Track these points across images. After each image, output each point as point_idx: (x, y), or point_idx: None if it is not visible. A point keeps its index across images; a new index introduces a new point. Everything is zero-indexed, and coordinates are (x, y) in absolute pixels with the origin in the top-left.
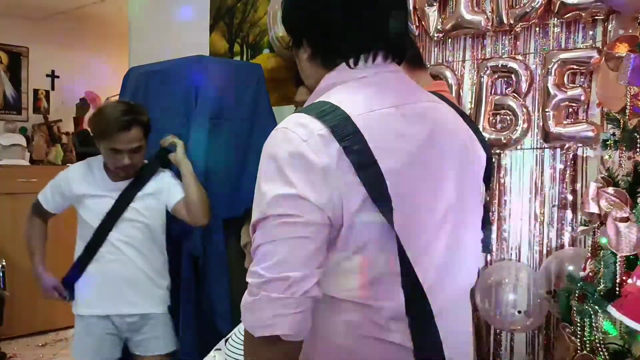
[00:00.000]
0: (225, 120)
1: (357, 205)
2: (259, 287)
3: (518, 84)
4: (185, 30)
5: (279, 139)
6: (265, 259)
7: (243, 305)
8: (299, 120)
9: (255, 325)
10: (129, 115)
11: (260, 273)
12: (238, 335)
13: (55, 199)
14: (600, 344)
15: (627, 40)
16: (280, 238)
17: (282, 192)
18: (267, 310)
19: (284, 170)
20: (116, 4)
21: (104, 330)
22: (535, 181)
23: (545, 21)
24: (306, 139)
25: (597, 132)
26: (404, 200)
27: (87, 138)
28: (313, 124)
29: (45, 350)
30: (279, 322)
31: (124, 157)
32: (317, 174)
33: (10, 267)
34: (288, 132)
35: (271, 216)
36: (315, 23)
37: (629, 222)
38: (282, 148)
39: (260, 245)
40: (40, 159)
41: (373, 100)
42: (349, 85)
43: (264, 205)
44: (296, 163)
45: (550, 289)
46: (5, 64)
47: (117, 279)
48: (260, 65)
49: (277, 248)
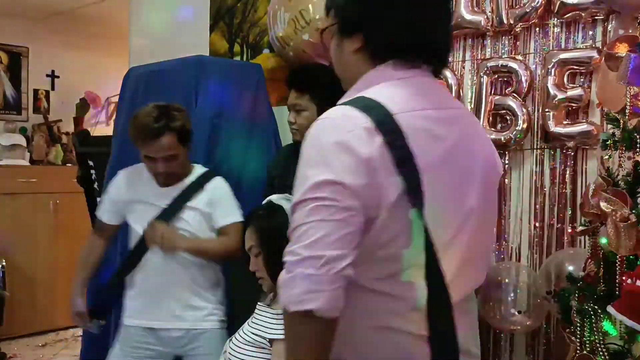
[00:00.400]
0: (225, 120)
1: (393, 198)
2: (296, 264)
3: (518, 84)
4: (185, 30)
5: (324, 128)
6: (303, 239)
7: (279, 283)
8: (345, 112)
9: (289, 301)
10: (160, 121)
11: (297, 251)
12: (242, 336)
13: (107, 208)
14: (600, 344)
15: (627, 40)
16: (318, 219)
17: (324, 177)
18: (301, 286)
19: (328, 158)
20: (116, 4)
21: (146, 344)
22: (535, 181)
23: (545, 21)
24: (351, 129)
25: (597, 132)
26: (434, 198)
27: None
28: (358, 117)
29: (45, 350)
30: (312, 297)
31: (158, 165)
32: (360, 164)
33: (10, 267)
34: (334, 122)
35: (310, 199)
36: (378, 19)
37: (629, 222)
38: (328, 137)
39: (299, 226)
40: (40, 159)
41: (412, 101)
42: (390, 84)
43: (305, 188)
44: (340, 152)
45: (550, 289)
46: (5, 64)
47: (161, 291)
48: (260, 65)
49: (314, 229)
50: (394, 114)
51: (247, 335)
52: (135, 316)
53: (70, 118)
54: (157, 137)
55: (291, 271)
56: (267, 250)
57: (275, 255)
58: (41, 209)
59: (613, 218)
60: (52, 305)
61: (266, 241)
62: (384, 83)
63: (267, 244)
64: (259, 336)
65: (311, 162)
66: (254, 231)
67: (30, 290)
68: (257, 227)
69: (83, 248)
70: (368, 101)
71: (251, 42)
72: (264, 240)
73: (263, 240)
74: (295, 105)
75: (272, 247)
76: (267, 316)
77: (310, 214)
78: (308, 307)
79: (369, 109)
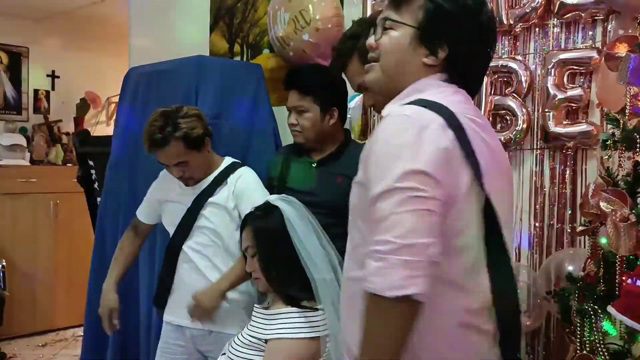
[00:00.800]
0: (225, 120)
1: (465, 188)
2: (390, 252)
3: (518, 84)
4: (185, 30)
5: (403, 123)
6: (394, 228)
7: (370, 271)
8: (418, 110)
9: (387, 287)
10: (164, 131)
11: (391, 240)
12: (240, 339)
13: (144, 206)
14: (600, 344)
15: (627, 41)
16: (409, 210)
17: (410, 167)
18: (400, 273)
19: (411, 149)
20: (116, 4)
21: (176, 340)
22: (535, 181)
23: (545, 21)
24: (428, 124)
25: (596, 132)
26: (490, 193)
27: (87, 138)
28: (431, 114)
29: (45, 350)
30: (412, 283)
31: (172, 171)
32: (440, 155)
33: (10, 267)
34: (411, 118)
35: (398, 189)
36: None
37: (629, 222)
38: (408, 130)
39: (389, 216)
40: (40, 159)
41: (462, 107)
42: (440, 92)
43: (393, 178)
44: (422, 144)
45: (550, 289)
46: (5, 64)
47: (189, 290)
48: (260, 65)
49: (405, 218)
50: (456, 113)
51: (245, 338)
52: (168, 313)
53: (70, 118)
54: (162, 146)
55: (385, 259)
56: (263, 250)
57: (270, 256)
58: (41, 209)
59: (613, 218)
60: (52, 305)
61: (262, 242)
62: (434, 90)
63: (262, 245)
64: (256, 338)
65: (393, 154)
66: (250, 231)
67: (30, 290)
68: (253, 227)
69: (119, 244)
70: (431, 102)
71: (251, 42)
72: (260, 240)
73: (259, 240)
74: (298, 107)
75: (267, 247)
76: (263, 318)
77: (400, 204)
78: (409, 292)
79: (436, 108)
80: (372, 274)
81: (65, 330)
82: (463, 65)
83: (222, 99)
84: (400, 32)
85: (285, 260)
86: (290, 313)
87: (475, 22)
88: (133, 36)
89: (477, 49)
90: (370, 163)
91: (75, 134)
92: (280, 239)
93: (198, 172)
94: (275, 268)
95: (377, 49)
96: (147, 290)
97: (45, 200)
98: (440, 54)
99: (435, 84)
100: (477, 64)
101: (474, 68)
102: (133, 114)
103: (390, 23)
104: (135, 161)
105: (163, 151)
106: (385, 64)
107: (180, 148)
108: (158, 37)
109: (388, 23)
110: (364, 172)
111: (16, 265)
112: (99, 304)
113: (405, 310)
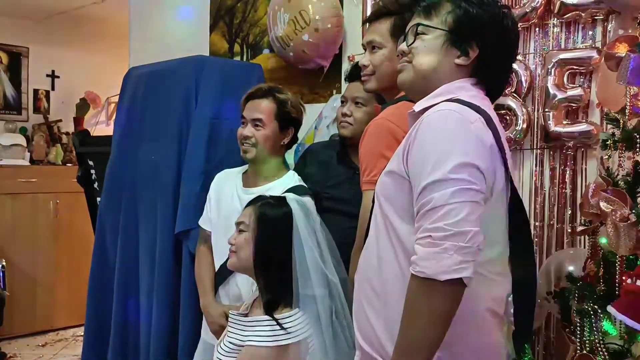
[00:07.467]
0: (225, 120)
1: (502, 184)
2: (445, 238)
3: (518, 84)
4: (185, 30)
5: (451, 117)
6: (449, 217)
7: (422, 257)
8: (462, 108)
9: (441, 270)
10: (270, 89)
11: (445, 228)
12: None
13: (206, 214)
14: (600, 344)
15: (627, 40)
16: (462, 201)
17: (463, 160)
18: (454, 258)
19: (463, 142)
20: (116, 4)
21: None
22: (535, 181)
23: (545, 21)
24: (474, 121)
25: (596, 132)
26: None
27: (87, 138)
28: (473, 112)
29: (45, 350)
30: (465, 267)
31: (244, 129)
32: (486, 150)
33: (10, 267)
34: (457, 115)
35: (452, 180)
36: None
37: (629, 222)
38: (457, 125)
39: (442, 205)
40: (40, 159)
41: (490, 110)
42: (472, 95)
43: (447, 169)
44: (471, 139)
45: (551, 289)
46: (5, 64)
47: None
48: (260, 65)
49: (458, 209)
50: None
51: (226, 346)
52: (205, 331)
53: (70, 118)
54: (260, 97)
55: (440, 245)
56: (261, 237)
57: (267, 244)
58: (41, 209)
59: (613, 218)
60: (52, 305)
61: (260, 226)
62: (466, 93)
63: (259, 229)
64: (236, 345)
65: (444, 146)
66: (253, 212)
67: (30, 290)
68: (259, 209)
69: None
70: (469, 102)
71: (251, 42)
72: (260, 226)
73: (259, 224)
74: (357, 98)
75: (263, 233)
76: (241, 325)
77: (454, 195)
78: (463, 275)
79: (475, 108)
80: (424, 258)
81: (65, 330)
82: (491, 65)
83: (222, 99)
84: (433, 36)
85: (278, 256)
86: (266, 320)
87: (500, 25)
88: (133, 36)
89: (502, 49)
90: (416, 153)
91: (75, 134)
92: (280, 235)
93: (262, 144)
94: (267, 259)
95: (409, 54)
96: (147, 290)
97: (45, 200)
98: (471, 54)
99: (467, 87)
100: (503, 64)
101: (501, 67)
102: (133, 114)
103: (423, 28)
104: (135, 161)
105: (255, 102)
106: (419, 65)
107: (271, 107)
108: (158, 37)
109: (420, 28)
110: (404, 162)
111: (16, 265)
112: (98, 304)
113: (456, 293)
